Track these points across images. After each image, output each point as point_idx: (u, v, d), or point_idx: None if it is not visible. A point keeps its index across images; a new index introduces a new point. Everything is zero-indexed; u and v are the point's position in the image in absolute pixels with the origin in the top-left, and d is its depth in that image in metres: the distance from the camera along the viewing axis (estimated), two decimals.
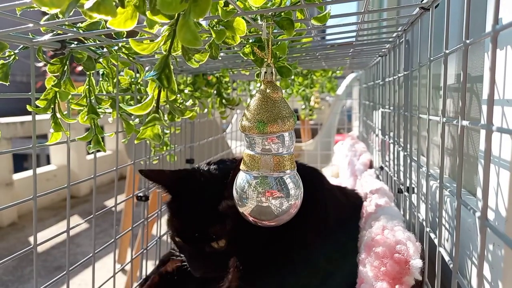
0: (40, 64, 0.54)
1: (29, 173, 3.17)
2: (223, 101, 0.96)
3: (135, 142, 0.35)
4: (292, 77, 1.19)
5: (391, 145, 0.78)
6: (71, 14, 0.44)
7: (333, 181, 1.50)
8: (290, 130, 0.45)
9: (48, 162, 3.65)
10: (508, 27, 0.25)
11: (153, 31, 0.39)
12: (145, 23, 0.35)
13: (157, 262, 0.88)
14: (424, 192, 0.59)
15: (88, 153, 3.64)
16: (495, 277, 0.41)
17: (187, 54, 0.35)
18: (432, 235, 0.44)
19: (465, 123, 0.32)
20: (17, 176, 2.98)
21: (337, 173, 1.82)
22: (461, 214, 0.51)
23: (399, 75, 0.67)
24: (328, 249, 0.63)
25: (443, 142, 0.39)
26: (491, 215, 0.42)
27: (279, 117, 0.44)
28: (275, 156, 0.44)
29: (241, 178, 0.45)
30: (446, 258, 0.38)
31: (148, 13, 0.31)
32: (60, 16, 0.40)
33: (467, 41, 0.32)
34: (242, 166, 0.46)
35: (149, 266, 0.87)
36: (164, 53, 0.34)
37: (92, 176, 0.62)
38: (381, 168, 0.95)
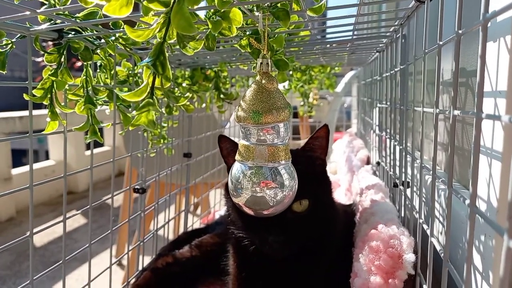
0: (40, 59, 0.54)
1: (27, 168, 3.17)
2: (221, 95, 0.96)
3: (130, 128, 0.35)
4: (290, 72, 1.20)
5: (388, 140, 0.79)
6: (68, 3, 0.44)
7: (331, 177, 1.51)
8: (285, 121, 0.45)
9: (47, 158, 3.65)
10: (498, 15, 0.25)
11: (150, 20, 0.39)
12: (141, 13, 0.35)
13: (153, 255, 0.89)
14: (420, 185, 0.59)
15: (87, 149, 3.64)
16: (486, 267, 0.41)
17: (182, 41, 0.35)
18: (425, 226, 0.45)
19: (456, 112, 0.33)
20: (15, 171, 2.98)
21: (335, 170, 1.83)
22: (455, 207, 0.52)
23: (396, 69, 0.67)
24: None
25: (436, 133, 0.40)
26: (483, 206, 0.42)
27: (274, 107, 0.44)
28: (270, 146, 0.44)
29: (236, 169, 0.46)
30: (438, 247, 0.38)
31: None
32: (57, 2, 0.40)
33: (460, 31, 0.33)
34: (237, 157, 0.46)
35: (146, 261, 0.87)
36: (160, 40, 0.34)
37: (89, 167, 0.62)
38: (378, 163, 0.95)
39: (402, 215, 0.64)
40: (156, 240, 0.89)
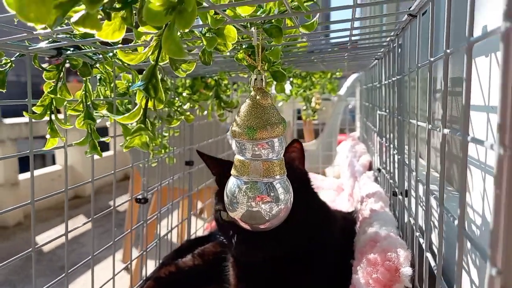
0: (45, 65, 0.55)
1: (35, 173, 3.19)
2: (222, 103, 0.97)
3: (124, 150, 0.36)
4: (291, 79, 1.20)
5: (387, 148, 0.79)
6: (64, 22, 0.45)
7: (334, 181, 1.51)
8: (280, 136, 0.45)
9: (54, 162, 3.68)
10: (481, 40, 0.26)
11: (147, 38, 0.40)
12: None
13: (157, 262, 0.90)
14: (420, 195, 0.59)
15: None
16: (483, 282, 0.41)
17: (174, 64, 0.36)
18: (421, 240, 0.45)
19: (446, 131, 0.33)
20: (22, 176, 3.01)
21: (339, 174, 1.83)
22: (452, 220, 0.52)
23: (392, 79, 0.67)
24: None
25: (429, 149, 0.40)
26: (478, 220, 0.42)
27: (268, 123, 0.44)
28: (265, 161, 0.45)
29: (232, 183, 0.46)
30: (432, 263, 0.38)
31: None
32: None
33: (448, 51, 0.33)
34: (232, 171, 0.46)
35: (151, 265, 0.88)
36: (152, 62, 0.35)
37: (90, 180, 0.63)
38: (379, 170, 0.95)
39: (402, 224, 0.64)
40: (159, 248, 0.90)
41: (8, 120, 2.92)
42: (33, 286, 0.54)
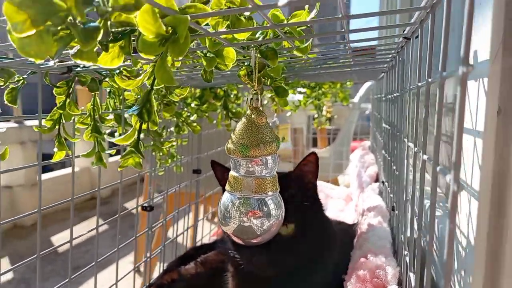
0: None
1: (54, 174, 3.27)
2: (230, 114, 0.99)
3: (118, 169, 0.38)
4: (300, 89, 1.21)
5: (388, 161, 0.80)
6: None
7: (344, 191, 1.51)
8: (273, 154, 0.47)
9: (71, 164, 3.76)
10: (450, 77, 0.27)
11: (151, 57, 0.42)
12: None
13: (161, 267, 0.92)
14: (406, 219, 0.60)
15: (110, 155, 3.74)
16: None
17: (169, 89, 0.38)
18: (408, 259, 0.46)
19: (425, 157, 0.34)
20: (42, 177, 3.08)
21: (349, 183, 1.83)
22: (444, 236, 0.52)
23: (392, 95, 0.68)
24: None
25: (414, 171, 0.41)
26: (463, 241, 0.43)
27: (261, 142, 0.46)
28: (257, 178, 0.46)
29: (226, 198, 0.48)
30: (413, 283, 0.39)
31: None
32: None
33: (429, 80, 0.34)
34: (227, 187, 0.48)
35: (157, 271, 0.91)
36: (148, 87, 0.37)
37: (97, 189, 0.66)
38: (383, 183, 0.96)
39: (397, 240, 0.65)
40: (163, 254, 0.92)
41: (29, 122, 3.00)
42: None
